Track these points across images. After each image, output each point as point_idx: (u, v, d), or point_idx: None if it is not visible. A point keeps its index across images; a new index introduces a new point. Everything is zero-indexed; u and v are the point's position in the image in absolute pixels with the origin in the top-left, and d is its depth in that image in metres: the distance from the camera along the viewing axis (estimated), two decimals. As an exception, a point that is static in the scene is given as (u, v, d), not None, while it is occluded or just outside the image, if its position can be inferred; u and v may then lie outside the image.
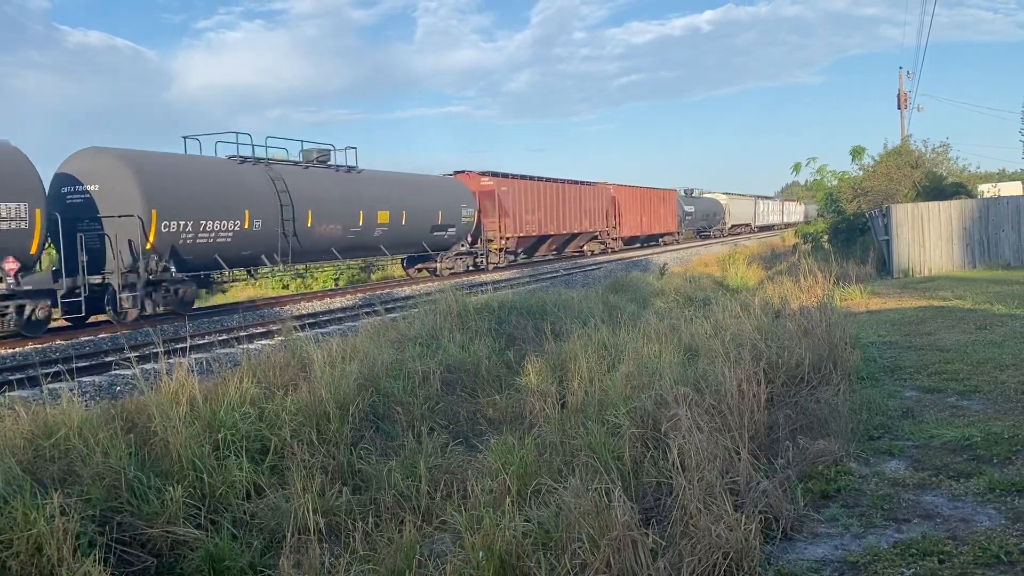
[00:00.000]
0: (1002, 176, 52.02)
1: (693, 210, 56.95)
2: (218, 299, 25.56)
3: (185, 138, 19.75)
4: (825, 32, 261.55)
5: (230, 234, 18.33)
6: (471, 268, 29.51)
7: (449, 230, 27.80)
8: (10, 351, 13.49)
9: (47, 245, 15.71)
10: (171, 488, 5.40)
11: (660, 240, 50.92)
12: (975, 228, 21.65)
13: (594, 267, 30.89)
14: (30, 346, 13.91)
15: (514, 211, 31.65)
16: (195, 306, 19.00)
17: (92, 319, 16.69)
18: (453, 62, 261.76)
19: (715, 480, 4.71)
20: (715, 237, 61.26)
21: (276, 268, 20.89)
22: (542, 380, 8.37)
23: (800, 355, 7.95)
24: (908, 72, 38.88)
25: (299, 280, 30.99)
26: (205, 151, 19.96)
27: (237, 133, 19.95)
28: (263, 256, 19.61)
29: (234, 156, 20.04)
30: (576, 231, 38.11)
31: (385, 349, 9.53)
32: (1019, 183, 40.24)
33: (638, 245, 48.51)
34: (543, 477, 5.20)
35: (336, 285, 29.75)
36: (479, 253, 29.90)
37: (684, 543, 4.23)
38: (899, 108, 38.07)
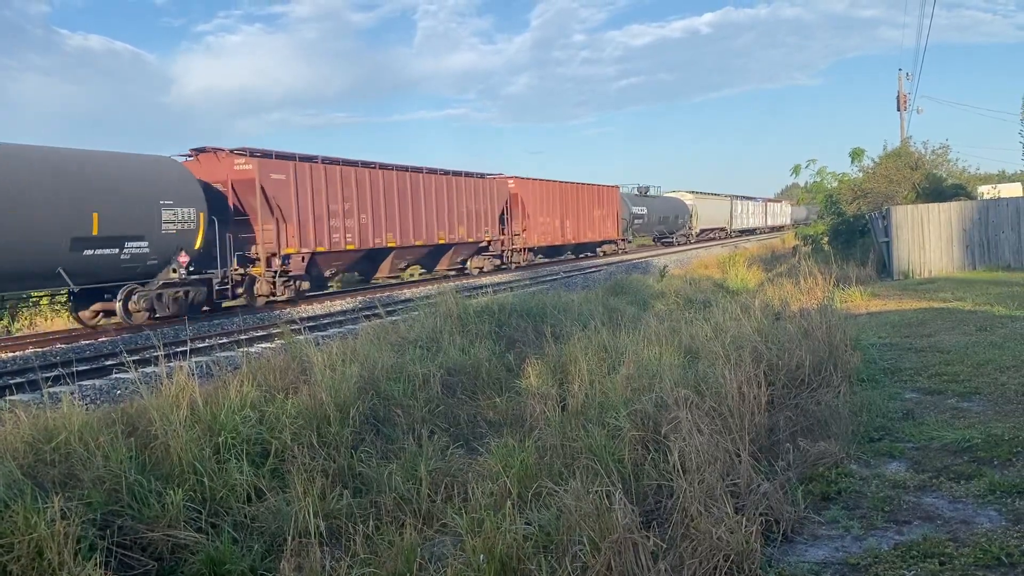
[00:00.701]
0: (1002, 177, 51.98)
1: (645, 212, 47.21)
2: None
3: None
4: (824, 34, 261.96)
5: None
6: (194, 306, 18.34)
7: (131, 246, 16.15)
8: (11, 355, 13.51)
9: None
10: (172, 492, 5.39)
11: (598, 250, 41.09)
12: (975, 230, 21.66)
13: (594, 270, 30.92)
14: (30, 350, 13.93)
15: (304, 213, 20.88)
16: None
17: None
18: (452, 65, 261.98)
19: (716, 482, 4.72)
20: (679, 244, 51.43)
21: None
22: (542, 383, 8.38)
23: (800, 357, 7.95)
24: (907, 74, 39.09)
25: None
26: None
27: None
28: None
29: None
30: (447, 241, 27.20)
31: (385, 352, 9.53)
32: (1019, 184, 40.23)
33: (567, 256, 38.96)
34: (544, 480, 5.20)
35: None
36: (222, 282, 18.83)
37: (685, 545, 4.24)
38: (898, 110, 38.22)
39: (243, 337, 14.82)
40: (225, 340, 14.43)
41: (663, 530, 4.59)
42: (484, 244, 30.59)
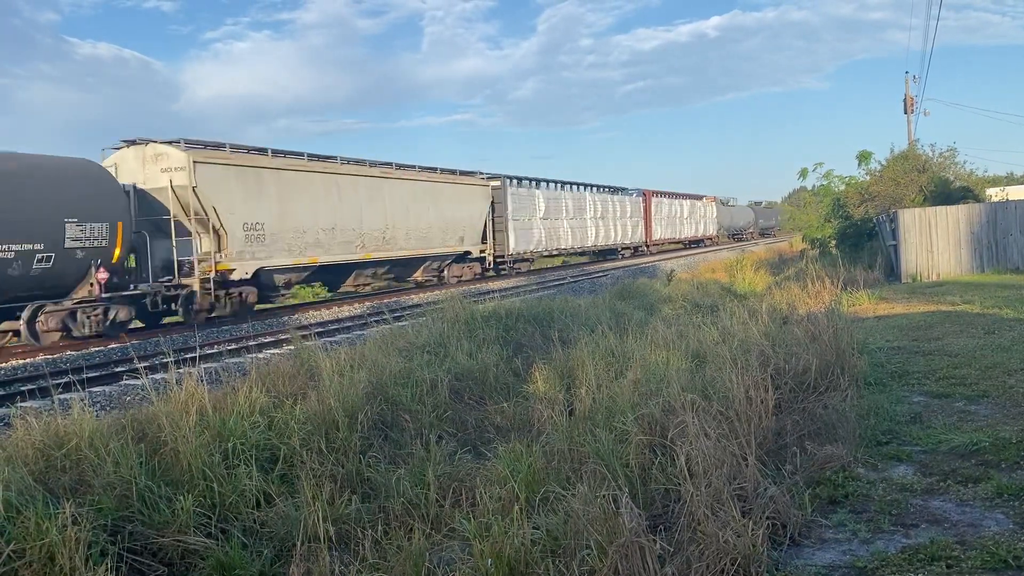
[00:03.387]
0: (1010, 180, 51.79)
1: None
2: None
3: None
4: (831, 37, 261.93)
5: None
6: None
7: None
8: (22, 362, 13.59)
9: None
10: (181, 497, 5.43)
11: None
12: (983, 232, 21.60)
13: (600, 274, 30.90)
14: (41, 357, 14.02)
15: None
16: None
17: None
18: (459, 70, 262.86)
19: (723, 486, 4.72)
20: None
21: None
22: (550, 387, 8.40)
23: (807, 361, 7.95)
24: (914, 76, 39.18)
25: (308, 289, 31.09)
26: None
27: None
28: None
29: None
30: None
31: (393, 357, 9.56)
32: (1027, 186, 40.10)
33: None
34: (551, 484, 5.21)
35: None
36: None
37: (692, 549, 4.25)
38: (905, 113, 38.09)
39: (252, 343, 14.88)
40: (234, 346, 14.49)
41: (670, 534, 4.59)
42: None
